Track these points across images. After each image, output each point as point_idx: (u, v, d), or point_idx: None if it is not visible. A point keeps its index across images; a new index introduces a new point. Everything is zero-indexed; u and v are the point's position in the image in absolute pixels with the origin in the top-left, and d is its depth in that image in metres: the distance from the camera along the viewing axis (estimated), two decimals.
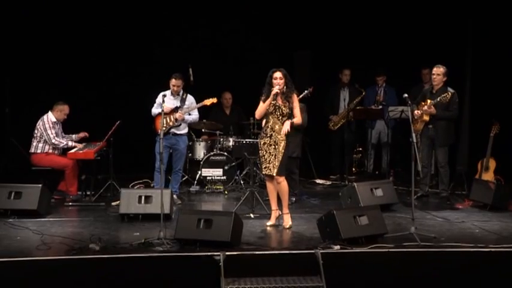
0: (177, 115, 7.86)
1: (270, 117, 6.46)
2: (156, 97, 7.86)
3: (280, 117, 6.44)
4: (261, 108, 6.46)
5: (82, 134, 8.30)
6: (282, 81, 6.41)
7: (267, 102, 6.41)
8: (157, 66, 9.44)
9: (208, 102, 8.13)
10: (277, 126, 6.44)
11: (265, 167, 6.48)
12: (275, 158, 6.41)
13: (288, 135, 6.44)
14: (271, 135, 6.45)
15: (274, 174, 6.42)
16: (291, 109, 6.45)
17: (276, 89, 6.37)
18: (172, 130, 7.89)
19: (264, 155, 6.48)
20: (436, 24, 9.89)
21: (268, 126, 6.48)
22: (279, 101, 6.44)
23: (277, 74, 6.42)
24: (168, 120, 7.83)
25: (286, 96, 6.44)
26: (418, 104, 7.87)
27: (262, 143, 6.50)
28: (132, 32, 9.82)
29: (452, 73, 8.17)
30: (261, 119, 6.67)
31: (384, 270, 5.43)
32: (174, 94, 7.91)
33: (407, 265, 5.45)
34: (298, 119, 6.51)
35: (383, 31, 10.15)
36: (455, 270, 5.46)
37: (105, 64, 9.78)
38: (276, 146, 6.42)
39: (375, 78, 9.99)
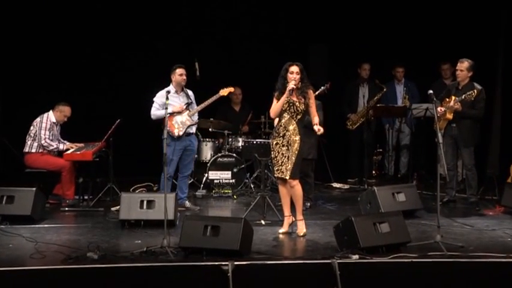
0: (192, 112, 7.78)
1: (284, 115, 6.43)
2: (154, 96, 7.79)
3: (295, 115, 6.41)
4: (277, 106, 6.42)
5: (70, 145, 8.16)
6: (299, 76, 6.38)
7: (282, 99, 6.37)
8: (160, 61, 9.46)
9: (225, 92, 7.97)
10: (291, 126, 6.41)
11: (277, 170, 6.46)
12: (288, 160, 6.39)
13: (302, 135, 6.43)
14: (284, 134, 6.42)
15: (287, 178, 6.40)
16: (307, 105, 6.43)
17: (291, 85, 6.33)
18: (187, 130, 7.81)
19: (276, 157, 6.46)
20: (464, 13, 9.85)
21: (281, 125, 6.45)
22: (294, 97, 6.40)
23: (294, 68, 6.38)
24: (184, 120, 7.76)
25: (301, 91, 6.41)
26: (442, 100, 7.83)
27: (274, 143, 6.48)
28: (132, 24, 9.86)
29: (482, 68, 8.12)
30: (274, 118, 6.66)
31: (406, 282, 5.41)
32: (178, 90, 7.82)
33: (432, 276, 5.42)
34: (317, 118, 6.47)
35: (405, 23, 10.13)
36: (484, 283, 5.42)
37: (103, 59, 9.83)
38: (290, 147, 6.40)
39: (394, 70, 9.92)
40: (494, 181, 8.48)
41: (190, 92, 7.94)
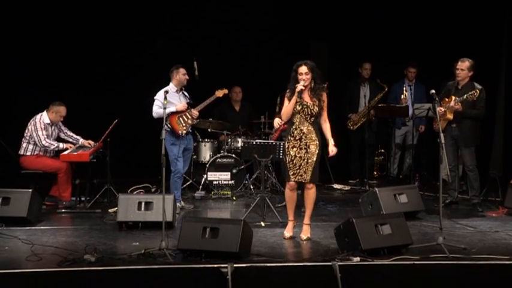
0: (194, 112, 7.89)
1: (297, 117, 6.37)
2: (155, 95, 7.82)
3: (308, 117, 6.36)
4: (287, 108, 6.37)
5: (87, 142, 8.22)
6: (309, 76, 6.34)
7: (292, 101, 6.33)
8: (159, 59, 9.46)
9: (220, 93, 8.18)
10: (305, 128, 6.35)
11: (294, 174, 6.36)
12: (307, 163, 6.33)
13: (319, 136, 6.38)
14: (300, 137, 6.35)
15: (309, 181, 6.36)
16: (321, 108, 6.38)
17: (300, 86, 6.30)
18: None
19: (292, 160, 6.37)
20: (467, 11, 9.86)
21: (295, 128, 6.37)
22: (307, 99, 6.36)
23: (303, 69, 6.33)
24: (186, 119, 7.86)
25: (315, 93, 6.36)
26: (441, 100, 7.82)
27: (290, 146, 6.39)
28: (130, 23, 9.85)
29: (485, 67, 8.12)
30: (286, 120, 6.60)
31: (408, 285, 5.41)
32: (178, 89, 7.92)
33: (434, 279, 5.43)
34: (327, 123, 6.45)
35: (407, 21, 10.13)
36: (488, 285, 5.43)
37: (101, 57, 9.81)
38: (308, 149, 6.34)
39: (406, 70, 9.86)
40: (497, 182, 8.48)
41: (186, 93, 8.05)
